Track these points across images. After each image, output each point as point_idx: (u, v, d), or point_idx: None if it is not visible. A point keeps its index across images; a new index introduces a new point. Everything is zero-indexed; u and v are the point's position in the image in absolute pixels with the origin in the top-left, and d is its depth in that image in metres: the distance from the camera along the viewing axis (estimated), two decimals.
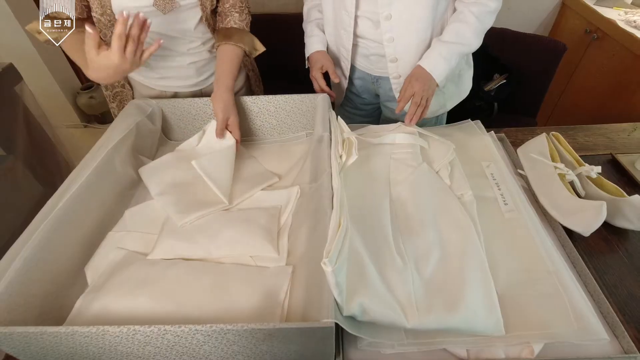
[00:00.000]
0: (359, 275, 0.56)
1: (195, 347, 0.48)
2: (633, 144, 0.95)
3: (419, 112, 0.85)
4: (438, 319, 0.53)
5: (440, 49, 0.87)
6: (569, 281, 0.59)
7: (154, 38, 0.87)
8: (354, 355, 0.55)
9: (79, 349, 0.48)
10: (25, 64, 1.56)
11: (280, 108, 0.92)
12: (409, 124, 0.85)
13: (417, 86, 0.85)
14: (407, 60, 0.91)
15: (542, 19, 1.99)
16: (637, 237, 0.72)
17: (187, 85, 0.99)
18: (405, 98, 0.85)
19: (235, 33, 0.90)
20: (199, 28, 0.91)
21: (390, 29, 0.87)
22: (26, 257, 0.54)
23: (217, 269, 0.64)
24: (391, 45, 0.90)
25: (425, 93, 0.85)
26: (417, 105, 0.85)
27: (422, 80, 0.85)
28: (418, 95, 0.84)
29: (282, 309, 0.58)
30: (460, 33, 0.86)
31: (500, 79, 1.63)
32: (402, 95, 0.86)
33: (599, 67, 1.71)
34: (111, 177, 0.74)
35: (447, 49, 0.86)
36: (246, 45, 0.91)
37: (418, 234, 0.65)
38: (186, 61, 0.94)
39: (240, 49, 0.90)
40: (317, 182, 0.69)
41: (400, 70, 0.94)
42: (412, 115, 0.85)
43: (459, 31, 0.86)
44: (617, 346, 0.55)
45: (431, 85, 0.86)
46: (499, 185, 0.78)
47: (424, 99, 0.85)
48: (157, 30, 0.85)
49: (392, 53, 0.91)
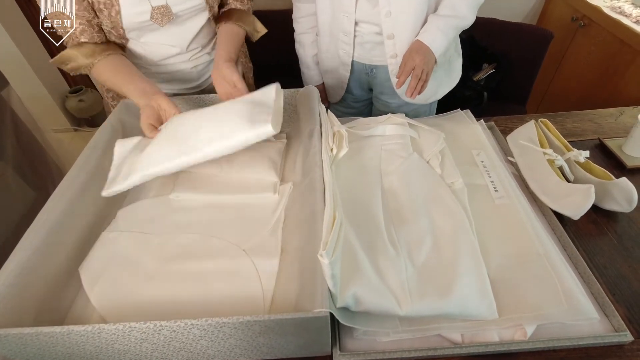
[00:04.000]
0: (352, 266, 0.57)
1: (192, 342, 0.48)
2: (620, 128, 0.96)
3: (419, 86, 0.85)
4: (431, 305, 0.54)
5: (437, 22, 0.88)
6: (559, 263, 0.60)
7: (157, 50, 0.87)
8: (350, 344, 0.55)
9: (76, 349, 0.48)
10: (12, 68, 1.55)
11: None
12: (410, 97, 0.86)
13: (417, 59, 0.85)
14: (403, 36, 0.92)
15: (529, 8, 2.01)
16: (626, 219, 0.73)
17: (188, 88, 1.00)
18: (406, 71, 0.85)
19: (234, 13, 0.90)
20: (203, 31, 0.91)
21: (388, 3, 0.87)
22: (20, 260, 0.54)
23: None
24: (388, 20, 0.89)
25: (425, 66, 0.85)
26: (417, 79, 0.85)
27: (422, 53, 0.86)
28: (419, 67, 0.85)
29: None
30: (455, 6, 0.87)
31: (489, 68, 1.64)
32: (403, 68, 0.86)
33: (586, 54, 1.73)
34: (103, 178, 0.74)
35: (444, 22, 0.87)
36: (247, 25, 0.90)
37: (410, 222, 0.66)
38: (188, 66, 0.94)
39: (239, 27, 0.89)
40: (309, 176, 0.70)
41: (397, 48, 0.94)
42: (413, 89, 0.85)
43: (455, 4, 0.87)
44: (608, 325, 0.56)
45: (430, 59, 0.87)
46: (489, 172, 0.79)
47: (424, 73, 0.86)
48: (161, 41, 0.86)
49: (389, 28, 0.91)
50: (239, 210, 0.74)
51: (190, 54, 0.92)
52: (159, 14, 0.80)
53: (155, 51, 0.88)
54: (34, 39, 1.87)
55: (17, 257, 0.54)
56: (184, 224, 0.71)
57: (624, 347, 0.54)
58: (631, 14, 1.50)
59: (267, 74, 1.32)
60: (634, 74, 1.49)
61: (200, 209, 0.75)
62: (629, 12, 1.51)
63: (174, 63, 0.93)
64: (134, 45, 0.87)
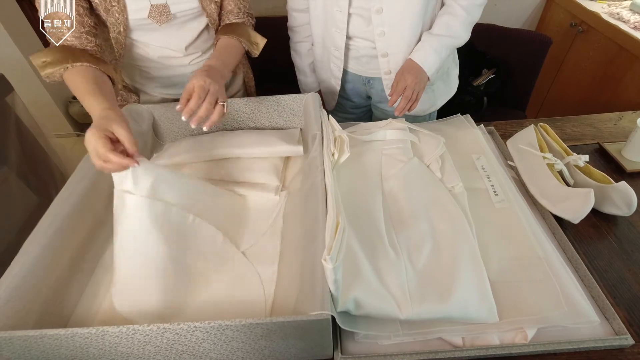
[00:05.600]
0: (353, 270, 0.57)
1: (194, 344, 0.49)
2: (619, 132, 0.96)
3: (408, 106, 0.86)
4: (431, 309, 0.54)
5: (430, 41, 0.88)
6: (559, 266, 0.61)
7: (155, 52, 0.88)
8: (352, 347, 0.56)
9: (79, 352, 0.49)
10: (16, 75, 1.56)
11: (272, 109, 0.93)
12: (399, 115, 0.87)
13: (409, 79, 0.85)
14: (397, 55, 0.92)
15: (528, 14, 2.02)
16: (626, 223, 0.73)
17: None
18: (398, 91, 0.86)
19: (232, 27, 0.90)
20: (202, 36, 0.92)
21: (382, 23, 0.88)
22: (24, 264, 0.54)
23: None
24: (382, 39, 0.90)
25: (416, 87, 0.86)
26: (407, 100, 0.85)
27: (414, 73, 0.86)
28: (410, 88, 0.85)
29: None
30: (450, 26, 0.87)
31: (488, 73, 1.65)
32: (394, 88, 0.87)
33: (585, 59, 1.74)
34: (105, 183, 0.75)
35: (438, 41, 0.87)
36: (243, 37, 0.89)
37: (410, 226, 0.67)
38: (188, 71, 0.95)
39: (236, 40, 0.88)
40: (310, 180, 0.70)
41: (391, 65, 0.94)
42: (401, 110, 0.86)
43: (449, 24, 0.87)
44: (608, 328, 0.56)
45: (422, 78, 0.87)
46: (490, 176, 0.79)
47: (415, 93, 0.86)
48: (159, 44, 0.86)
49: (383, 47, 0.91)
50: (241, 208, 0.77)
51: (190, 58, 0.93)
52: (158, 12, 0.81)
53: (153, 53, 0.89)
54: (38, 46, 1.89)
55: (21, 261, 0.54)
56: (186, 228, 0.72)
57: (624, 350, 0.54)
58: (629, 19, 1.51)
59: (262, 80, 1.33)
60: (632, 79, 1.50)
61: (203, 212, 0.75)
62: (627, 18, 1.52)
63: (174, 66, 0.93)
64: (134, 48, 0.88)
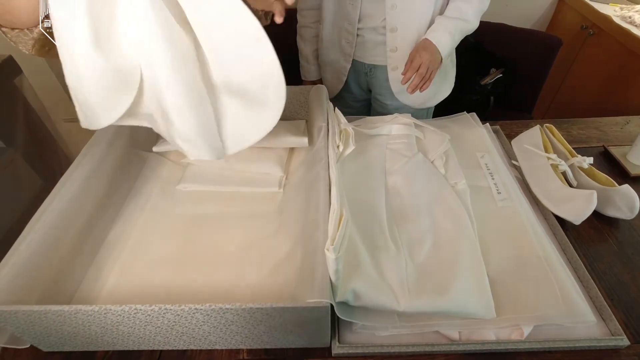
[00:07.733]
0: (353, 262, 0.57)
1: (195, 326, 0.49)
2: (625, 136, 0.96)
3: (421, 84, 0.87)
4: (429, 302, 0.55)
5: (445, 23, 0.90)
6: (558, 266, 0.61)
7: None
8: (349, 337, 0.56)
9: (82, 329, 0.50)
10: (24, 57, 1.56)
11: None
12: (410, 93, 0.88)
13: (425, 56, 0.86)
14: (405, 30, 0.94)
15: (539, 15, 2.01)
16: (627, 226, 0.73)
17: None
18: (413, 67, 0.86)
19: None
20: None
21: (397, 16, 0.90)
22: (30, 241, 0.55)
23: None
24: (393, 12, 0.91)
25: (431, 65, 0.87)
26: (421, 77, 0.86)
27: (430, 52, 0.87)
28: (424, 65, 0.86)
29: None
30: (462, 10, 0.90)
31: (496, 73, 1.64)
32: (409, 65, 0.87)
33: (595, 62, 1.73)
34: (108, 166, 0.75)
35: (452, 23, 0.90)
36: None
37: (412, 221, 0.67)
38: None
39: None
40: (313, 171, 0.71)
41: (398, 42, 0.96)
42: (414, 87, 0.86)
43: (462, 8, 0.90)
44: (605, 329, 0.57)
45: (437, 58, 0.89)
46: (493, 175, 0.79)
47: (429, 72, 0.87)
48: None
49: (392, 21, 0.93)
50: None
51: None
52: None
53: None
54: None
55: (27, 238, 0.55)
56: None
57: (619, 351, 0.55)
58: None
59: None
60: None
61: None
62: (639, 22, 1.51)
63: None
64: None
